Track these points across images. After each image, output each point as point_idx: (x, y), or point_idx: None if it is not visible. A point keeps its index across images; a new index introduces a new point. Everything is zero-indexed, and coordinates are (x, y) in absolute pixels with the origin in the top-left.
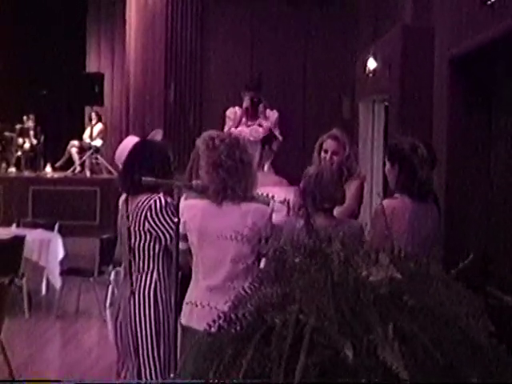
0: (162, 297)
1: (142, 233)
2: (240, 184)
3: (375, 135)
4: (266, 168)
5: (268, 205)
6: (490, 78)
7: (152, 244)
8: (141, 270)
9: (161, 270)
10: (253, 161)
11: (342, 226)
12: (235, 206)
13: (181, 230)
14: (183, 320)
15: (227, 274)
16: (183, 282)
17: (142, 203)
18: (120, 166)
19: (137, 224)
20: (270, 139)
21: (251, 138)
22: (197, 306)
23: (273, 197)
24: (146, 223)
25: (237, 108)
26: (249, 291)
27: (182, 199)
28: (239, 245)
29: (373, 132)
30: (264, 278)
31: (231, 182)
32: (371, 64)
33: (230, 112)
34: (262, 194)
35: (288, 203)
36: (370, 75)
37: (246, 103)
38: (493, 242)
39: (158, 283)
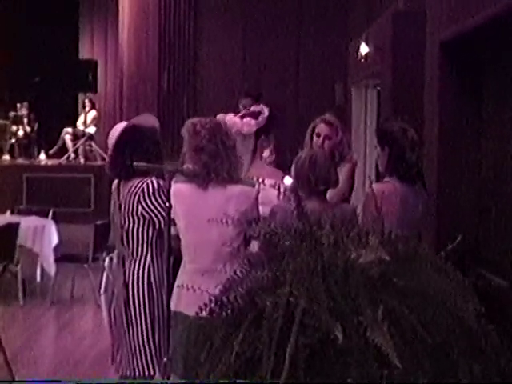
0: (155, 281)
1: (136, 217)
2: (223, 167)
3: (368, 120)
4: (265, 156)
5: (254, 187)
6: (481, 62)
7: (146, 228)
8: (134, 254)
9: (154, 255)
10: (236, 144)
11: (335, 210)
12: (220, 189)
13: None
14: (171, 305)
15: (213, 257)
16: (176, 266)
17: (135, 187)
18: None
19: (130, 208)
20: (267, 128)
21: (243, 132)
22: (188, 289)
23: (263, 181)
24: (140, 207)
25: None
26: (239, 274)
27: (172, 183)
28: (225, 227)
29: (365, 117)
30: (255, 261)
31: (214, 165)
32: (363, 49)
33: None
34: (248, 178)
35: (279, 188)
36: (363, 60)
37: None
38: (484, 224)
39: (152, 268)
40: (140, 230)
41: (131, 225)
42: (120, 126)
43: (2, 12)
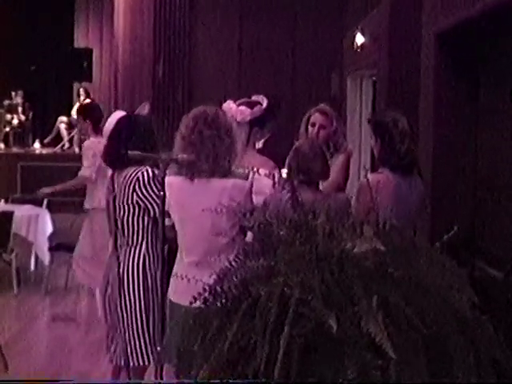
0: (150, 270)
1: (131, 205)
2: (208, 159)
3: (363, 110)
4: (257, 147)
5: (247, 179)
6: (477, 53)
7: (141, 216)
8: (129, 243)
9: (149, 243)
10: (228, 136)
11: (328, 200)
12: (213, 182)
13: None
14: (168, 294)
15: (207, 250)
16: (170, 256)
17: (130, 176)
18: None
19: (125, 197)
20: (262, 120)
21: (238, 119)
22: (182, 278)
23: (258, 170)
24: (135, 195)
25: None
26: (234, 264)
27: (166, 174)
28: (218, 220)
29: (361, 107)
30: (249, 250)
31: (202, 156)
32: (359, 39)
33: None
34: (240, 169)
35: (274, 177)
36: (358, 50)
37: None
38: (479, 215)
39: (147, 256)
40: (135, 218)
41: (126, 213)
42: (116, 115)
43: None
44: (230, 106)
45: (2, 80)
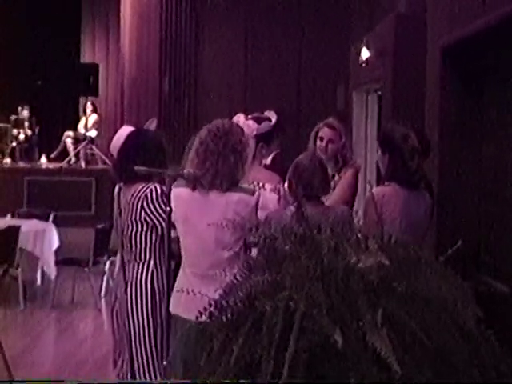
0: (159, 286)
1: (139, 222)
2: (208, 173)
3: (369, 124)
4: (264, 163)
5: (253, 194)
6: (482, 67)
7: (149, 233)
8: (138, 259)
9: (158, 260)
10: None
11: (330, 212)
12: (219, 196)
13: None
14: (170, 308)
15: (211, 263)
16: (177, 270)
17: (138, 193)
18: (115, 156)
19: (133, 214)
20: (269, 136)
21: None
22: (188, 293)
23: (264, 185)
24: (143, 212)
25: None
26: (239, 279)
27: (173, 187)
28: (222, 233)
29: (366, 121)
30: (254, 265)
31: (204, 170)
32: (364, 53)
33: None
34: (247, 182)
35: (279, 191)
36: (364, 65)
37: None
38: (485, 230)
39: (156, 272)
40: (143, 235)
41: (134, 230)
42: (124, 131)
43: (4, 16)
44: (238, 119)
45: (8, 95)
